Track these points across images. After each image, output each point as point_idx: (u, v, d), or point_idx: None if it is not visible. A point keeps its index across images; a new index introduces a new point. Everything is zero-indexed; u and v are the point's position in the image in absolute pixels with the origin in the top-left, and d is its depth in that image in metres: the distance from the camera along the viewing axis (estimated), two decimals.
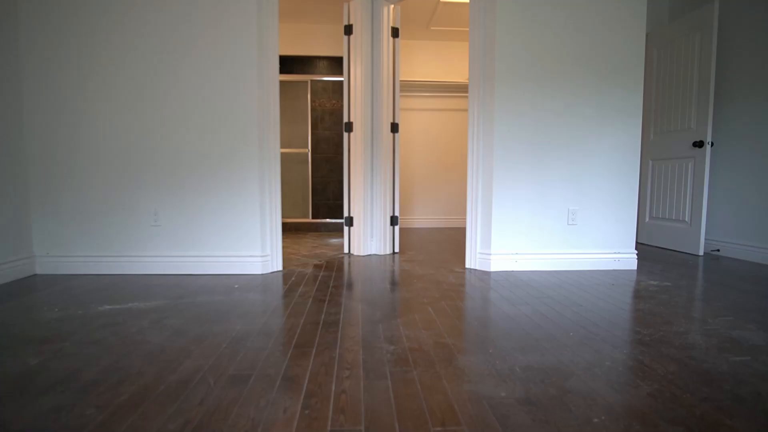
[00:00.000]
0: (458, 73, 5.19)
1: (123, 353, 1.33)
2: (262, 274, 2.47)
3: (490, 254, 2.60)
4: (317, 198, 5.20)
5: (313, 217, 4.86)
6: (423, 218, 5.29)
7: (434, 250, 3.42)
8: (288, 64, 5.10)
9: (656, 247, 3.61)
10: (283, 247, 3.57)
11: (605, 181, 2.63)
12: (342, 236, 4.37)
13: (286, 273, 2.53)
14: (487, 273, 2.54)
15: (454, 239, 4.15)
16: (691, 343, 1.43)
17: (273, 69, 2.49)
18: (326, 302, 1.91)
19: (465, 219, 5.38)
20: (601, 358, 1.31)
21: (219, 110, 2.42)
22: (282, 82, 5.01)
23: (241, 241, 2.48)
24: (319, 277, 2.42)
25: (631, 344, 1.42)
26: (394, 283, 2.28)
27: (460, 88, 5.13)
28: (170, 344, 1.41)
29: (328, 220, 4.75)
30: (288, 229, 4.72)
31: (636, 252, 2.69)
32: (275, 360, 1.29)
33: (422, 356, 1.32)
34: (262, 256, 2.49)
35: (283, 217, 4.84)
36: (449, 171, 5.29)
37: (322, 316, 1.71)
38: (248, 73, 2.41)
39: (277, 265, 2.58)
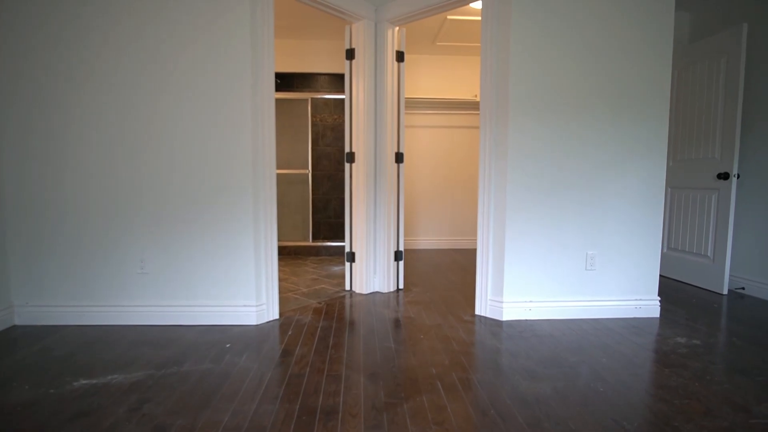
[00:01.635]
0: (465, 89, 4.99)
1: None
2: (256, 325, 2.30)
3: (502, 302, 2.41)
4: (318, 215, 5.02)
5: (313, 240, 4.69)
6: (427, 239, 5.10)
7: (441, 286, 3.24)
8: (288, 81, 4.92)
9: (675, 280, 3.41)
10: (281, 279, 3.40)
11: (626, 224, 2.44)
12: (344, 262, 4.19)
13: (283, 323, 2.36)
14: (499, 323, 2.36)
15: (461, 267, 3.97)
16: None
17: (268, 91, 2.31)
18: (325, 374, 1.74)
19: (471, 240, 5.21)
20: None
21: (206, 144, 2.25)
22: (282, 100, 4.83)
23: (235, 290, 2.31)
24: (318, 331, 2.24)
25: None
26: (398, 342, 2.11)
27: (467, 105, 4.93)
28: None
29: (328, 243, 4.56)
30: (287, 253, 4.55)
31: (659, 299, 2.50)
32: None
33: None
34: (257, 306, 2.32)
35: (282, 240, 4.67)
36: (454, 190, 5.10)
37: (320, 399, 1.54)
38: (242, 102, 2.24)
39: (273, 313, 2.41)
